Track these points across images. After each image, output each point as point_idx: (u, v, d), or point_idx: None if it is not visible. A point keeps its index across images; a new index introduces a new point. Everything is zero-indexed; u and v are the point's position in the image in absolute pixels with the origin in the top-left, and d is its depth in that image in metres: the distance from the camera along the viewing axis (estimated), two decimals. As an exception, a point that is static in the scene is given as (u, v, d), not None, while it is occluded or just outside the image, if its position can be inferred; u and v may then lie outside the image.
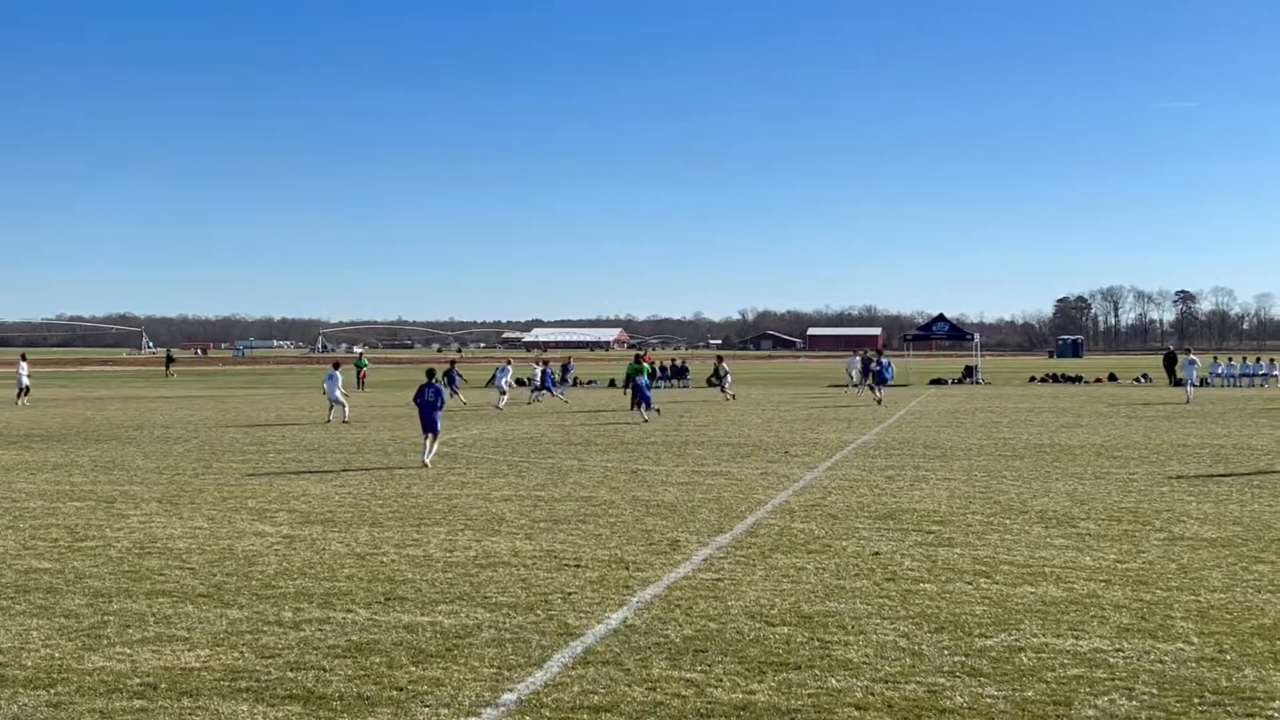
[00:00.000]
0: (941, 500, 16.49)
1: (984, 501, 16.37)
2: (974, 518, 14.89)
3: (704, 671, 8.12)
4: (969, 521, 14.59)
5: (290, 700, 7.53)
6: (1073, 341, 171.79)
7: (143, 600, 10.39)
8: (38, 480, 19.54)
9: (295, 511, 15.78)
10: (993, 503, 16.24)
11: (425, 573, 11.58)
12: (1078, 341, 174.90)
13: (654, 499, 16.88)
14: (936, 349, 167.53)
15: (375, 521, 14.90)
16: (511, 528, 14.35)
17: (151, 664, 8.36)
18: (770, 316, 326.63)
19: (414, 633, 9.21)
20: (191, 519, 15.14)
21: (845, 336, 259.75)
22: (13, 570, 11.78)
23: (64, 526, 14.54)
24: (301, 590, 10.78)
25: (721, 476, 19.77)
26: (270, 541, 13.43)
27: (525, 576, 11.38)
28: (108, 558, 12.45)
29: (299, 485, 18.71)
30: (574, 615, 9.76)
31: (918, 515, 15.09)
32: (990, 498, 16.75)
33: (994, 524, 14.40)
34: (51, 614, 9.88)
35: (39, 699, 7.57)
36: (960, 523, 14.49)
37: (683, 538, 13.56)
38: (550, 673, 8.10)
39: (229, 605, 10.18)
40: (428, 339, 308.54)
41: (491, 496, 17.28)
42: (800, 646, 8.76)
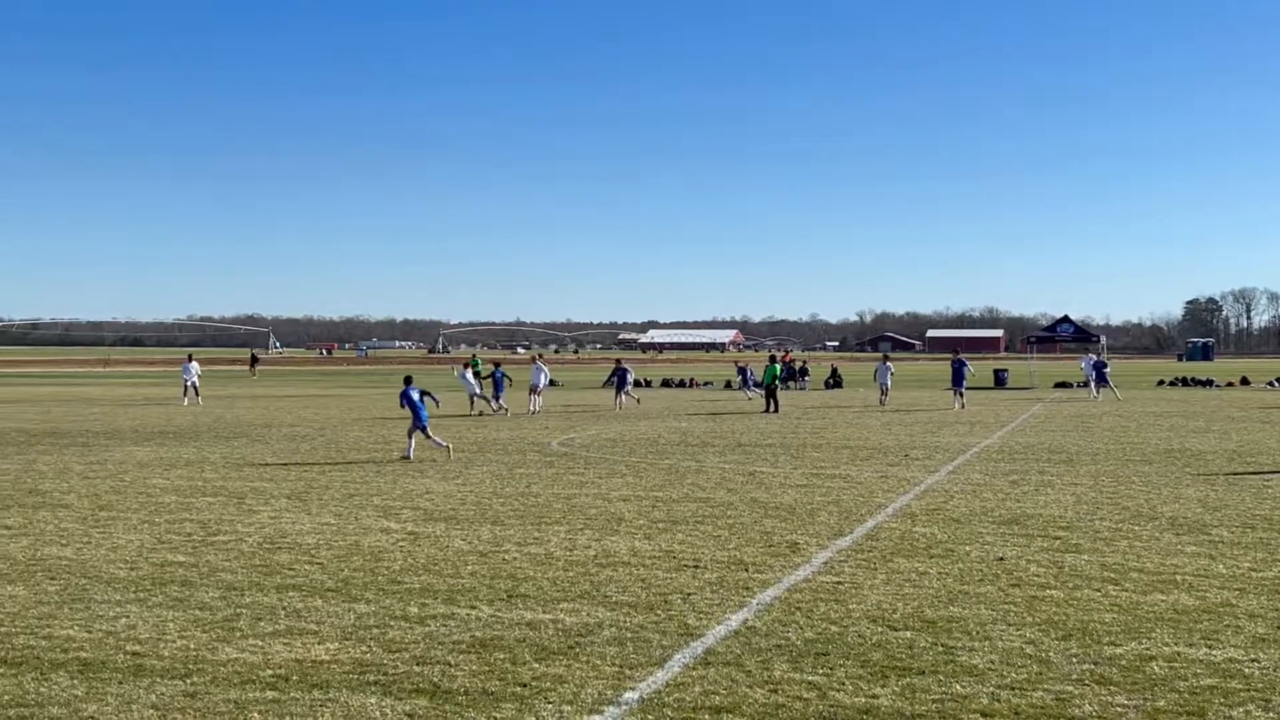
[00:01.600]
0: (1068, 506, 16.18)
1: (1112, 507, 16.01)
2: (1102, 524, 14.58)
3: (826, 674, 8.08)
4: (1096, 527, 14.29)
5: (417, 694, 7.67)
6: (1203, 344, 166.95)
7: (274, 594, 10.67)
8: (171, 476, 20.15)
9: (419, 509, 16.06)
10: (1121, 508, 15.88)
11: (546, 571, 11.71)
12: (1208, 344, 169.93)
13: (772, 501, 16.82)
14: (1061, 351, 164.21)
15: (497, 520, 15.09)
16: (630, 528, 14.43)
17: (283, 656, 8.58)
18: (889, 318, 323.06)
19: (536, 630, 9.32)
20: (319, 515, 15.50)
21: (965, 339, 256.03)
22: (149, 563, 12.17)
23: (197, 521, 14.98)
24: (426, 586, 10.97)
25: (840, 479, 19.63)
26: (395, 538, 13.68)
27: (645, 576, 11.43)
28: (239, 552, 12.80)
29: (422, 483, 19.02)
30: (694, 616, 9.78)
31: (1043, 521, 14.82)
32: (1118, 503, 16.39)
33: (1122, 530, 14.08)
34: (187, 606, 10.20)
35: (176, 689, 7.82)
36: (1087, 529, 14.20)
37: (802, 540, 13.50)
38: (671, 672, 8.13)
39: (356, 600, 10.40)
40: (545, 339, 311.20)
41: (610, 496, 17.38)
42: (924, 651, 8.67)
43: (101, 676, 8.06)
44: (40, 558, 12.46)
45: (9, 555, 12.59)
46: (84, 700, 7.55)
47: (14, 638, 9.09)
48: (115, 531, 14.15)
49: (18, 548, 13.06)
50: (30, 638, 9.09)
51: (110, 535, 13.88)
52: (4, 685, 7.86)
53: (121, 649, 8.76)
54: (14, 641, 8.97)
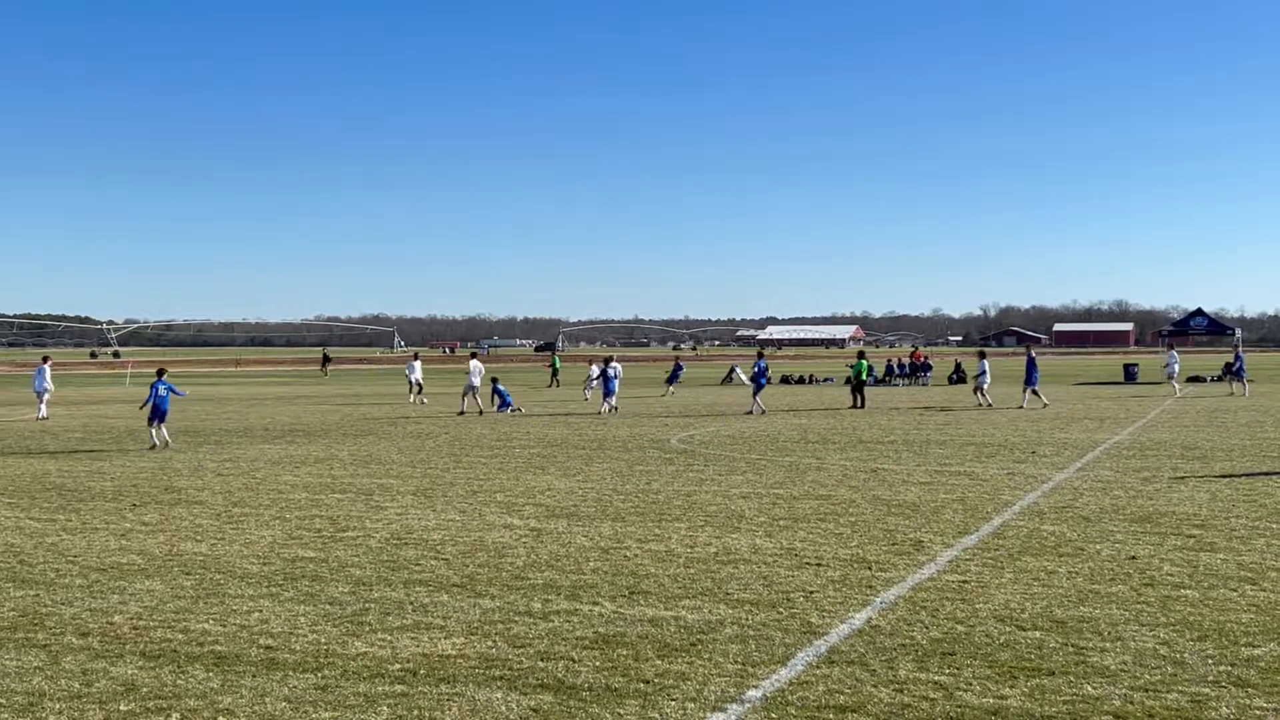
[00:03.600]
0: (1202, 503, 15.72)
1: (1248, 505, 15.52)
2: (1238, 521, 14.14)
3: (953, 675, 7.96)
4: (1233, 525, 13.87)
5: (542, 689, 7.74)
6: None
7: (401, 589, 10.85)
8: (301, 473, 20.62)
9: (541, 505, 16.20)
10: (1258, 506, 15.38)
11: (667, 568, 11.72)
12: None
13: (895, 498, 16.63)
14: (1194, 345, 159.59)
15: (617, 516, 15.16)
16: (751, 525, 14.38)
17: (411, 650, 8.72)
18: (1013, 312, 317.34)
19: (658, 627, 9.34)
20: (444, 511, 15.72)
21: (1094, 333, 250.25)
22: (281, 559, 12.47)
23: (326, 517, 15.30)
24: (549, 582, 11.07)
25: (965, 476, 19.33)
26: (518, 534, 13.82)
27: (766, 574, 11.38)
28: (367, 548, 13.04)
29: (544, 480, 19.19)
30: (817, 614, 9.72)
31: (1176, 518, 14.42)
32: (1255, 501, 15.87)
33: (1260, 528, 13.64)
34: (317, 601, 10.42)
35: (308, 682, 7.99)
36: (1223, 527, 13.79)
37: (926, 538, 13.33)
38: (795, 671, 8.08)
39: (481, 595, 10.53)
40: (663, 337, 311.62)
41: (730, 493, 17.34)
42: (1053, 652, 8.49)
43: (236, 669, 8.28)
44: (176, 553, 12.85)
45: (147, 551, 13.00)
46: (220, 693, 7.76)
47: (152, 631, 9.38)
48: (248, 527, 14.53)
49: (155, 543, 13.48)
50: (167, 631, 9.37)
51: (243, 531, 14.26)
52: (143, 677, 8.11)
53: (255, 643, 8.99)
54: (152, 635, 9.26)
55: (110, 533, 14.25)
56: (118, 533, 14.24)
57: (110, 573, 11.78)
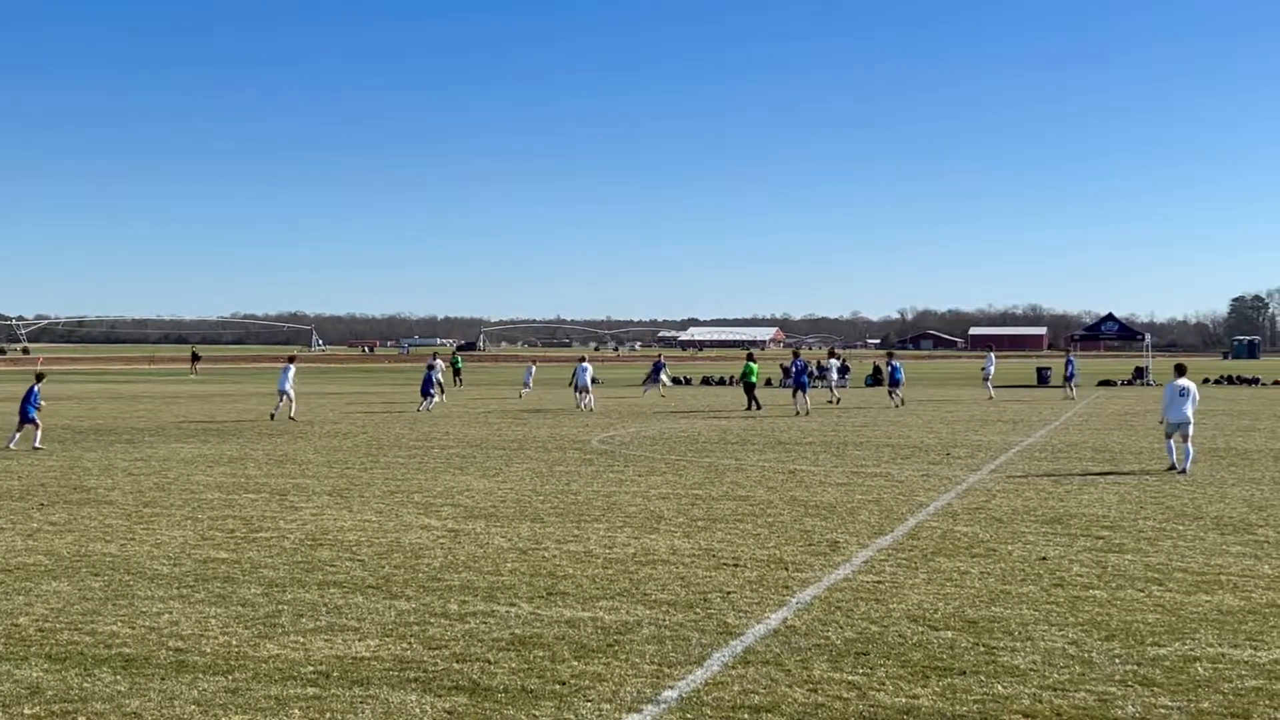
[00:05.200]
0: (1111, 505, 16.03)
1: (1156, 507, 15.85)
2: (1146, 523, 14.44)
3: (866, 674, 8.04)
4: (1140, 527, 14.15)
5: (457, 691, 7.70)
6: (1249, 342, 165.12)
7: (315, 590, 10.73)
8: (214, 473, 20.32)
9: (460, 506, 16.11)
10: (1165, 508, 15.72)
11: (585, 569, 11.71)
12: (1254, 342, 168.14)
13: (812, 499, 16.77)
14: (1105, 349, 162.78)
15: (536, 517, 15.12)
16: (670, 526, 14.41)
17: (324, 653, 8.62)
18: (930, 315, 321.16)
19: (575, 628, 9.33)
20: (360, 512, 15.58)
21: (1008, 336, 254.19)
22: (192, 559, 12.27)
23: (240, 518, 15.09)
24: (466, 583, 11.01)
25: (881, 478, 19.54)
26: (436, 535, 13.73)
27: (684, 574, 11.42)
28: (281, 549, 12.88)
29: (463, 480, 19.08)
30: (733, 614, 9.76)
31: (1086, 520, 14.69)
32: (1162, 503, 16.22)
33: (1167, 530, 13.94)
34: (229, 602, 10.27)
35: (218, 684, 7.87)
36: (1131, 528, 14.07)
37: (842, 539, 13.45)
38: (711, 671, 8.11)
39: (397, 597, 10.45)
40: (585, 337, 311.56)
41: (650, 494, 17.37)
42: (965, 651, 8.61)
43: (144, 672, 8.13)
44: (85, 554, 12.59)
45: (54, 551, 12.73)
46: (127, 696, 7.62)
47: (59, 633, 9.19)
48: (159, 528, 14.28)
49: (63, 544, 13.20)
50: (75, 633, 9.18)
51: (154, 532, 14.01)
52: (49, 680, 7.94)
53: (164, 645, 8.84)
54: (59, 637, 9.07)
55: (16, 533, 13.93)
56: (24, 533, 13.93)
57: (16, 574, 11.51)
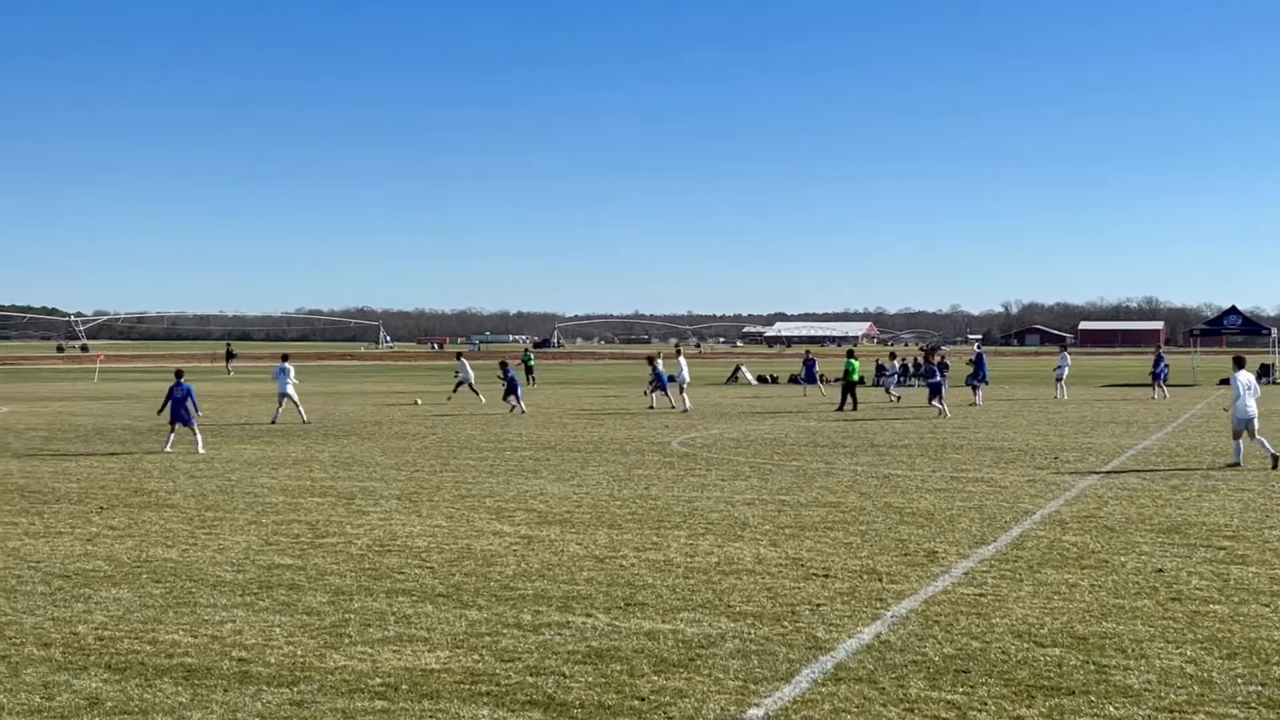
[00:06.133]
0: (1235, 513, 15.73)
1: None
2: (1272, 533, 14.15)
3: (966, 694, 7.97)
4: (1266, 537, 13.88)
5: (531, 706, 7.75)
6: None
7: (383, 599, 10.86)
8: (279, 476, 20.63)
9: (533, 511, 16.21)
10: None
11: (665, 578, 11.73)
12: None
13: (908, 506, 16.64)
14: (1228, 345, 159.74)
15: (614, 523, 15.17)
16: (755, 533, 14.39)
17: (392, 664, 8.73)
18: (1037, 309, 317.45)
19: (655, 640, 9.34)
20: (430, 517, 15.73)
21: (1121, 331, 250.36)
22: (256, 566, 12.48)
23: (305, 522, 15.31)
24: (540, 593, 11.08)
25: (983, 483, 19.35)
26: (508, 541, 13.83)
27: (771, 585, 11.39)
28: (348, 555, 13.05)
29: (536, 484, 19.20)
30: (824, 628, 9.72)
31: (1207, 529, 14.43)
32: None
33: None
34: (294, 611, 10.43)
35: (282, 697, 8.00)
36: (1256, 538, 13.80)
37: (941, 548, 13.34)
38: (799, 688, 8.09)
39: (468, 606, 10.54)
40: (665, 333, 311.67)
41: (734, 500, 17.36)
42: (1074, 670, 8.50)
43: (207, 683, 8.29)
44: (145, 559, 12.85)
45: (114, 557, 13.01)
46: (189, 708, 7.76)
47: (119, 642, 9.39)
48: (221, 533, 14.53)
49: (123, 549, 13.48)
50: (135, 642, 9.38)
51: (216, 536, 14.26)
52: (109, 691, 8.12)
53: (227, 655, 9.00)
54: (119, 646, 9.27)
55: (75, 537, 14.25)
56: (83, 537, 14.25)
57: (75, 580, 11.78)
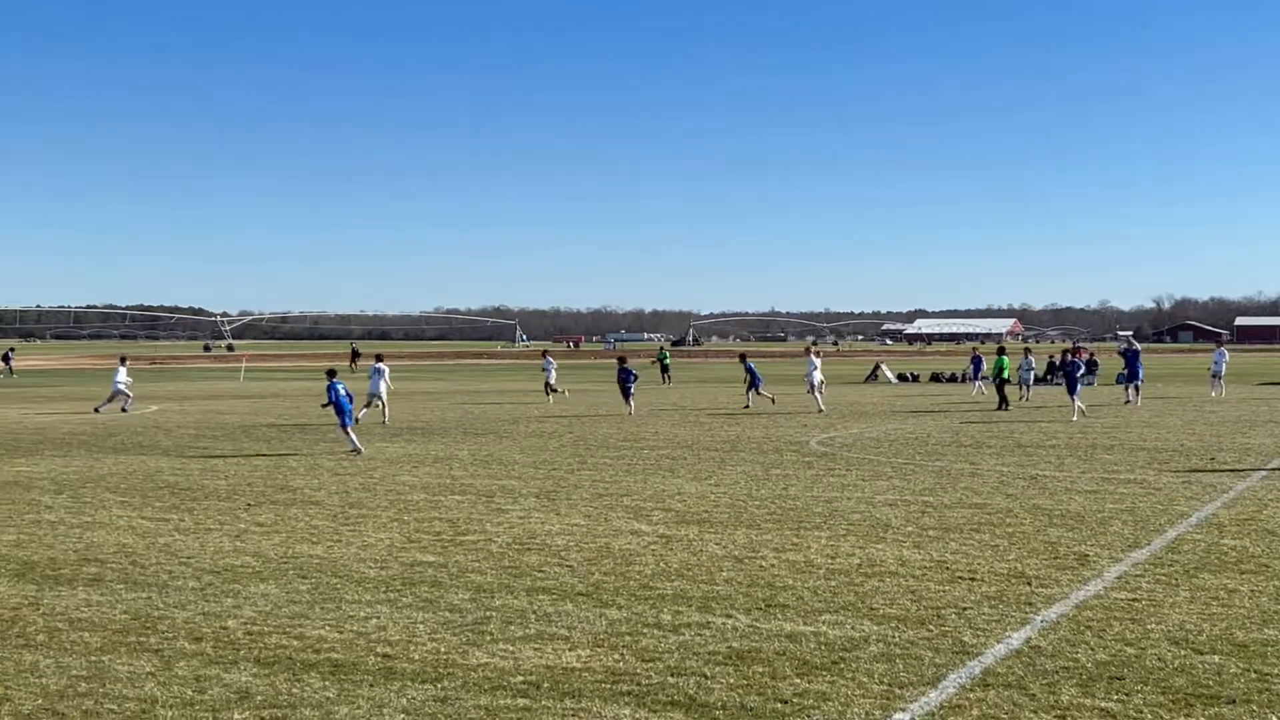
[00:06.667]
0: (1405, 517, 15.13)
1: None
2: None
3: (1121, 701, 7.78)
4: None
5: (672, 707, 7.76)
6: None
7: (523, 596, 10.97)
8: (420, 473, 20.97)
9: (671, 510, 16.24)
10: None
11: (806, 579, 11.66)
12: None
13: (1057, 508, 16.31)
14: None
15: (752, 523, 15.12)
16: (898, 535, 14.23)
17: (534, 662, 8.81)
18: (1190, 305, 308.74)
19: (797, 643, 9.29)
20: (568, 515, 15.85)
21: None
22: (399, 562, 12.70)
23: (446, 520, 15.54)
24: (680, 592, 11.09)
25: (1135, 484, 18.88)
26: (647, 541, 13.88)
27: (915, 588, 11.26)
28: (488, 552, 13.22)
29: (673, 484, 19.23)
30: (970, 632, 9.58)
31: (1375, 534, 13.91)
32: None
33: None
34: (436, 608, 10.59)
35: (426, 693, 8.13)
36: None
37: (1092, 552, 13.05)
38: (946, 693, 7.98)
39: (608, 605, 10.60)
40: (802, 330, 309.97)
41: (875, 500, 17.19)
42: (1234, 678, 8.25)
43: (353, 678, 8.46)
44: (292, 555, 13.17)
45: (262, 553, 13.35)
46: (335, 702, 7.93)
47: (267, 637, 9.63)
48: (365, 530, 14.82)
49: (270, 545, 13.83)
50: (283, 637, 9.61)
51: (360, 533, 14.55)
52: (258, 685, 8.33)
53: (372, 650, 9.17)
54: (267, 641, 9.50)
55: (224, 534, 14.66)
56: (232, 534, 14.65)
57: (224, 575, 12.12)
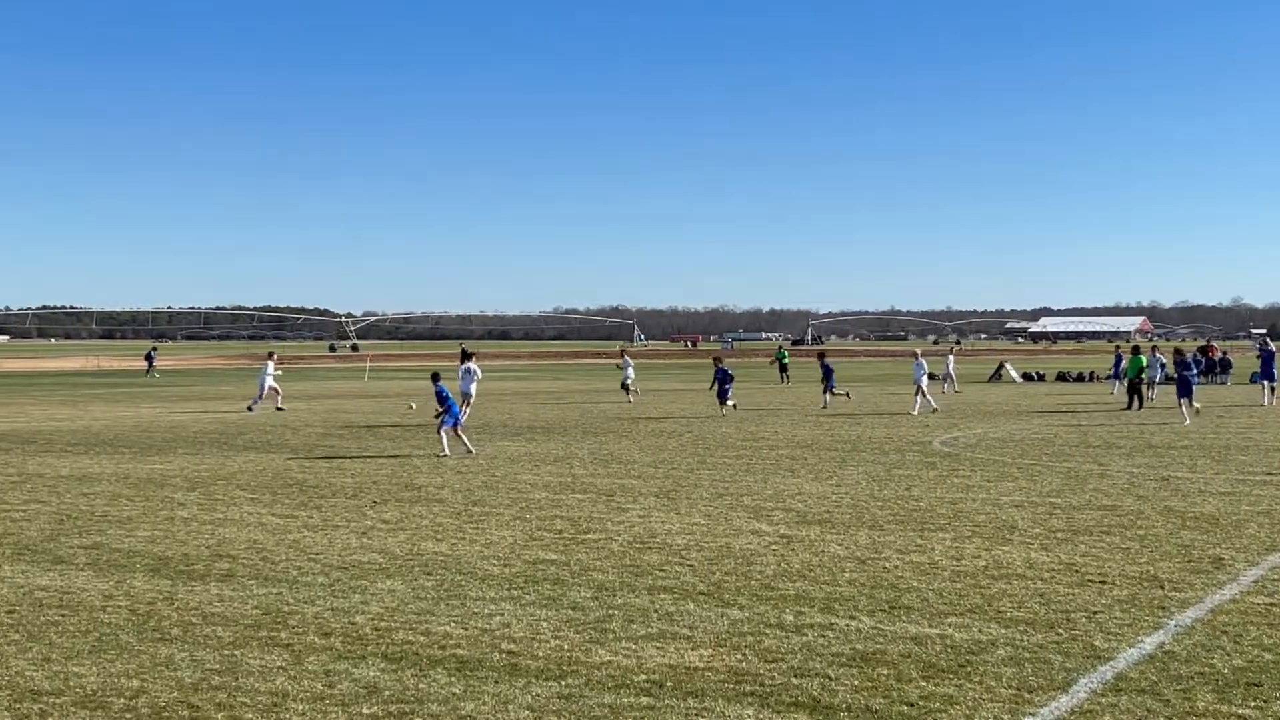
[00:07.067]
0: None
1: None
2: None
3: (1259, 708, 7.59)
4: None
5: (796, 708, 7.73)
6: None
7: (645, 595, 11.01)
8: (541, 472, 21.15)
9: (791, 511, 16.18)
10: None
11: (931, 581, 11.54)
12: None
13: (1190, 510, 15.94)
14: None
15: (874, 524, 15.01)
16: (1025, 537, 14.02)
17: (656, 661, 8.84)
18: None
19: (922, 645, 9.21)
20: (688, 515, 15.87)
21: None
22: (522, 560, 12.82)
23: (567, 519, 15.65)
24: (802, 593, 11.05)
25: (1273, 486, 18.38)
26: (767, 541, 13.84)
27: (1043, 591, 11.08)
28: (609, 551, 13.29)
29: (793, 483, 19.15)
30: (1101, 636, 9.41)
31: None
32: None
33: None
34: (559, 605, 10.67)
35: (551, 690, 8.20)
36: None
37: (1227, 555, 12.73)
38: (1076, 698, 7.85)
39: (729, 605, 10.59)
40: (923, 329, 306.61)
41: (1000, 501, 16.95)
42: (1380, 688, 8.00)
43: (478, 675, 8.56)
44: (417, 552, 13.36)
45: (388, 550, 13.56)
46: (461, 698, 8.03)
47: (394, 632, 9.78)
48: (488, 527, 14.99)
49: (395, 542, 14.05)
50: (409, 633, 9.76)
51: (483, 531, 14.72)
52: (386, 680, 8.47)
53: (497, 647, 9.28)
54: (394, 636, 9.66)
55: (351, 530, 14.92)
56: (358, 530, 14.91)
57: (351, 571, 12.34)
